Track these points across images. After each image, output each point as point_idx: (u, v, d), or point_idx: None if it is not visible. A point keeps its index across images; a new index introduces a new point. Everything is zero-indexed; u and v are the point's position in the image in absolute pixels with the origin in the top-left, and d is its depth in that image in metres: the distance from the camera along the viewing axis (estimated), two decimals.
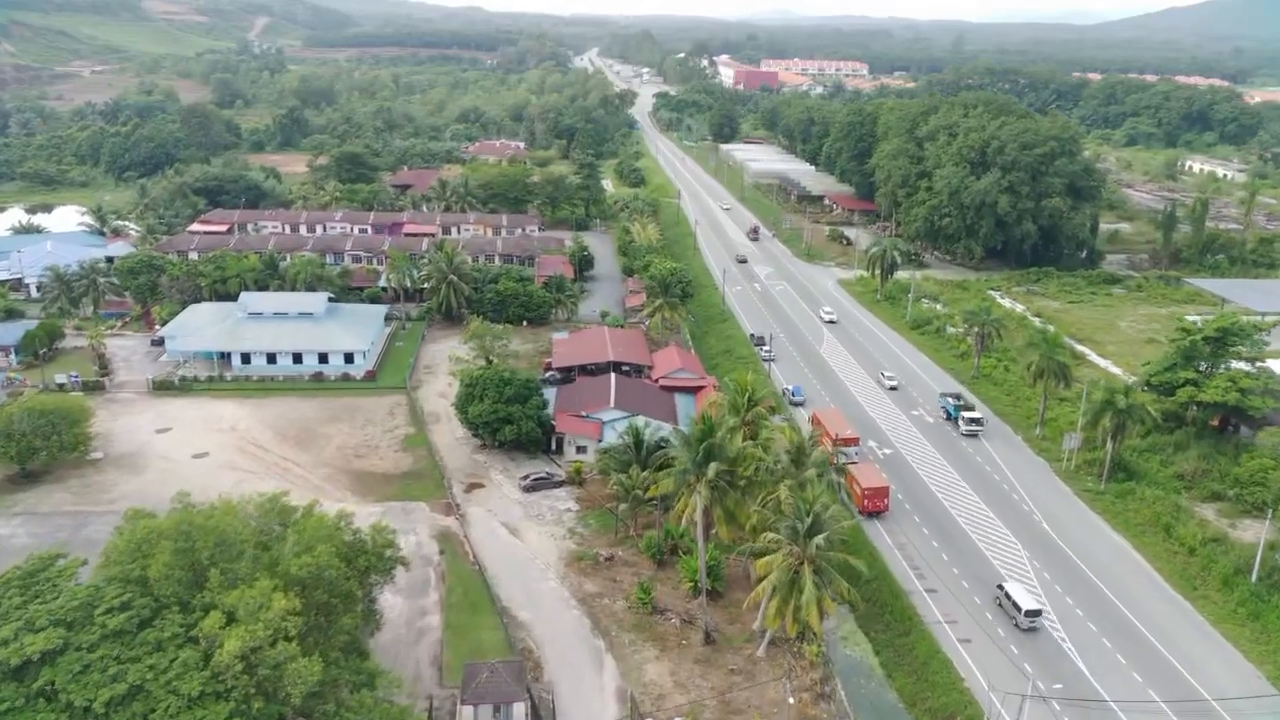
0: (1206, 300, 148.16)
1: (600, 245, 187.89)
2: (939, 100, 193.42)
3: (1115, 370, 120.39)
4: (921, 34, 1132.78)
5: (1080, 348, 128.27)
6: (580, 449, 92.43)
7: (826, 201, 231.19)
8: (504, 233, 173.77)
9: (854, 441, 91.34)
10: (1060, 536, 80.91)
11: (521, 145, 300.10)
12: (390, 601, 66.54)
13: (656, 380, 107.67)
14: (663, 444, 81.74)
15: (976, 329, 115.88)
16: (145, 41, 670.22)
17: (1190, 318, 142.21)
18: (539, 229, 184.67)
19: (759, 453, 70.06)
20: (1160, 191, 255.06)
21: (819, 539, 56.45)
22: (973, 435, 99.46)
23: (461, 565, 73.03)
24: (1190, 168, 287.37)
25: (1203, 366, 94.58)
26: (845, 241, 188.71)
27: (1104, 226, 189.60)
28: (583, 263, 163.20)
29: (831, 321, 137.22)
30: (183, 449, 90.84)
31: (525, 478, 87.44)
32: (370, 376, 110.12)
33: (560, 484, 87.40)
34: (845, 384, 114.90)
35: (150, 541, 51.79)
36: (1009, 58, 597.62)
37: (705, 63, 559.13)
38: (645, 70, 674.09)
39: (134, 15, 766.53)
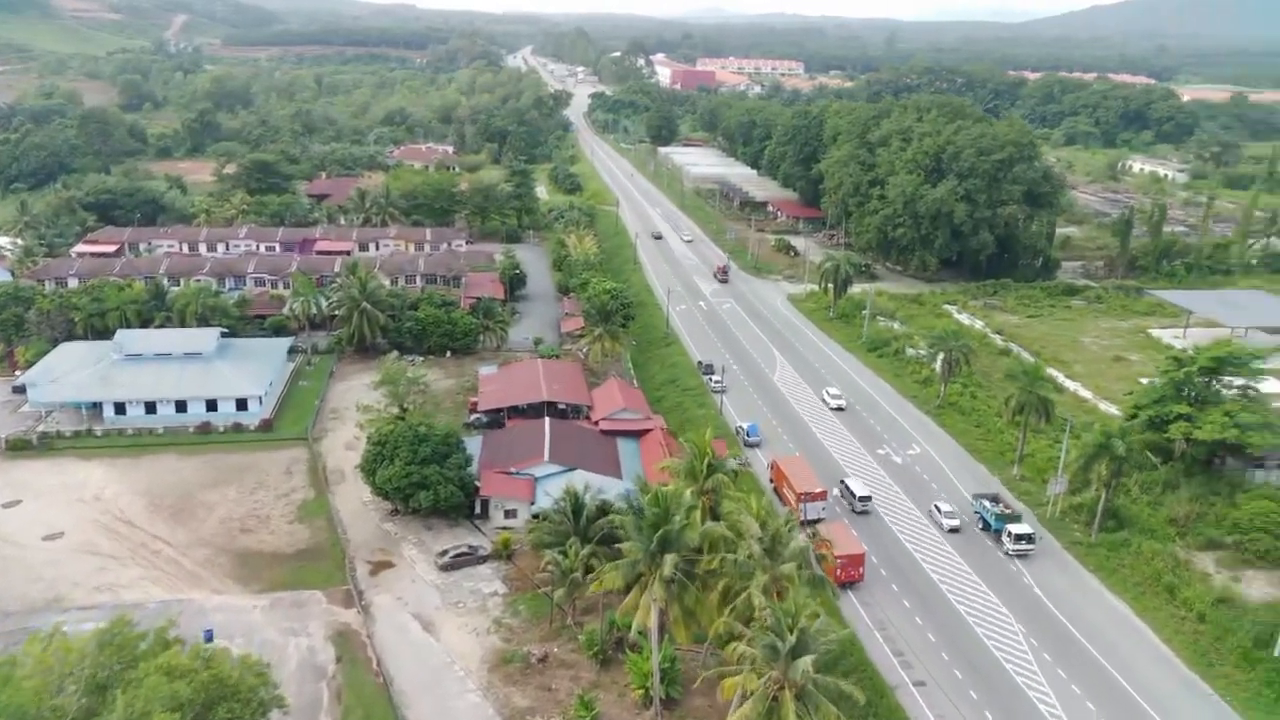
0: (1169, 311, 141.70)
1: (534, 259, 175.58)
2: (890, 104, 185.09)
3: (1086, 394, 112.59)
4: (854, 32, 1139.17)
5: (1048, 369, 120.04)
6: (509, 513, 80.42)
7: (770, 208, 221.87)
8: (428, 248, 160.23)
9: (822, 497, 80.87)
10: (1053, 601, 71.49)
11: (450, 149, 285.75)
12: None
13: (596, 422, 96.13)
14: (605, 508, 70.51)
15: (943, 354, 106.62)
16: (52, 40, 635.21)
17: (1155, 332, 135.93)
18: (466, 243, 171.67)
19: (722, 530, 59.10)
20: (1104, 193, 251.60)
21: (805, 661, 45.51)
22: (1022, 556, 76.68)
23: (363, 678, 60.54)
24: (1131, 168, 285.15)
25: (1194, 397, 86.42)
26: (792, 253, 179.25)
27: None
28: (514, 281, 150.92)
29: (840, 408, 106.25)
30: (33, 528, 76.46)
31: (444, 553, 75.16)
32: (266, 426, 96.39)
33: (485, 559, 75.34)
34: (804, 419, 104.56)
35: None
36: (944, 56, 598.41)
37: (641, 62, 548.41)
38: (580, 69, 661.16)
39: (41, 13, 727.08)
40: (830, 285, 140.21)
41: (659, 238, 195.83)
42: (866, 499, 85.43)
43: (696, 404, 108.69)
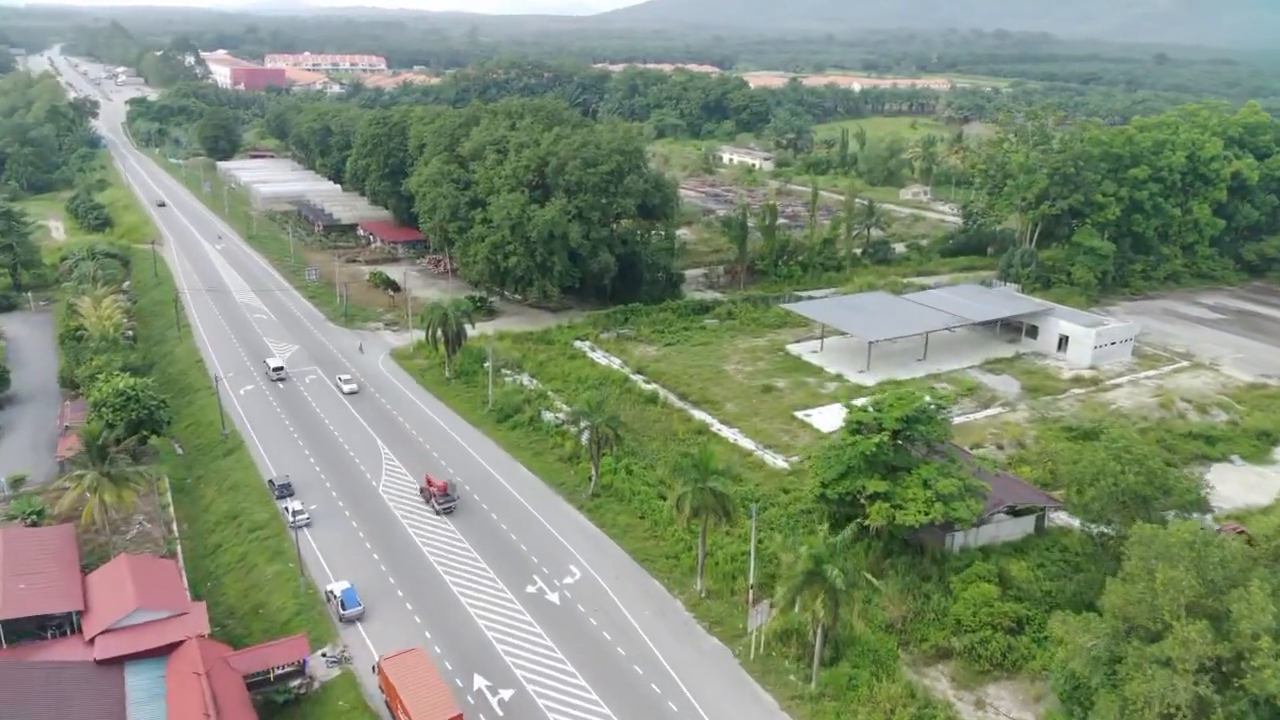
0: (798, 321, 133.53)
1: (35, 336, 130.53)
2: (478, 109, 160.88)
3: (748, 444, 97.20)
4: (436, 25, 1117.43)
5: (698, 414, 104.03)
6: None
7: (361, 232, 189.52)
8: None
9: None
10: None
11: None
12: None
13: (92, 641, 61.10)
14: None
15: (588, 431, 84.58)
16: None
17: (794, 348, 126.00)
18: None
19: None
20: (704, 187, 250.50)
21: None
22: None
23: None
24: (722, 159, 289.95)
25: (886, 467, 72.03)
26: (392, 289, 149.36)
27: None
28: None
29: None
30: None
31: None
32: None
33: None
34: (426, 554, 76.66)
35: None
36: (527, 50, 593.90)
37: (191, 59, 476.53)
38: (121, 70, 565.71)
39: None
40: (439, 335, 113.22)
41: (162, 205, 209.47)
42: (280, 369, 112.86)
43: (268, 555, 76.56)
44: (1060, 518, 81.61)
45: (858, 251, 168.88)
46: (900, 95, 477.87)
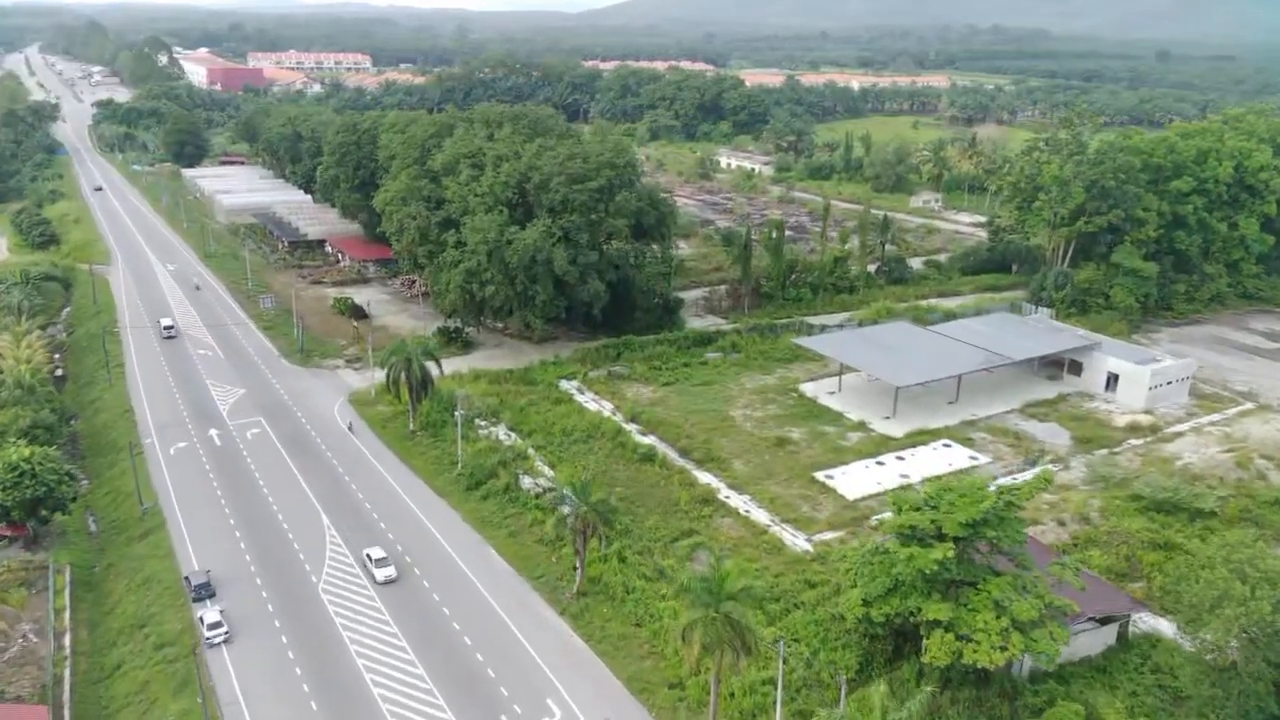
0: (808, 355, 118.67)
1: None
2: (454, 116, 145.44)
3: (761, 516, 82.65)
4: (426, 22, 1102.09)
5: (703, 476, 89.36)
6: None
7: (330, 248, 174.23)
8: None
9: None
10: None
11: None
12: None
13: None
14: None
15: (571, 518, 69.69)
16: None
17: (809, 389, 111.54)
18: None
19: None
20: (701, 195, 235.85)
21: None
22: None
23: None
24: (719, 163, 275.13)
25: (948, 585, 57.37)
26: (358, 318, 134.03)
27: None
28: None
29: None
30: None
31: None
32: None
33: None
34: (367, 680, 61.72)
35: None
36: (516, 47, 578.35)
37: (164, 58, 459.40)
38: (96, 70, 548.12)
39: None
40: (401, 381, 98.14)
41: (99, 189, 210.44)
42: (170, 327, 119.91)
43: (174, 685, 61.28)
44: (1143, 619, 67.43)
45: (871, 269, 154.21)
46: (901, 94, 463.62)
